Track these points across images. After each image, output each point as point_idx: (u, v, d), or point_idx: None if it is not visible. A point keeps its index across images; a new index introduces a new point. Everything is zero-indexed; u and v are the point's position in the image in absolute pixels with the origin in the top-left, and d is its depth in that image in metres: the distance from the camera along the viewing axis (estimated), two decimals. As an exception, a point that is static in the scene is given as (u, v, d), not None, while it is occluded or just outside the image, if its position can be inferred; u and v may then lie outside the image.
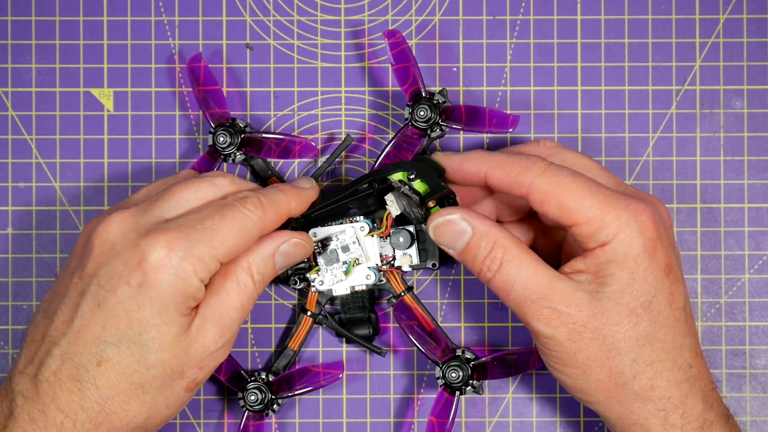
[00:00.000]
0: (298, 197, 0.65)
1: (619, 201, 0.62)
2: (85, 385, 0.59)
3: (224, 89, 0.72)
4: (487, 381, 0.71)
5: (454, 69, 0.73)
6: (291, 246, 0.64)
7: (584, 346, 0.62)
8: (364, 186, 0.67)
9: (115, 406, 0.59)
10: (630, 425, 0.63)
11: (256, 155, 0.70)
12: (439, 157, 0.66)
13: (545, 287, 0.62)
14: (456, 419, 0.72)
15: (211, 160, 0.70)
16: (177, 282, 0.59)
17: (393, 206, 0.67)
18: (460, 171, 0.65)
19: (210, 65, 0.72)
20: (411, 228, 0.70)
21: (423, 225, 0.66)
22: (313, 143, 0.70)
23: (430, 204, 0.64)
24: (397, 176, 0.65)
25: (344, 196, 0.67)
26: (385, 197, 0.67)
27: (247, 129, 0.70)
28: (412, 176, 0.65)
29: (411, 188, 0.64)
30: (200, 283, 0.60)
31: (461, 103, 0.72)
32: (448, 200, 0.64)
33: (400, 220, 0.69)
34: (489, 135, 0.72)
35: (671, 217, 0.66)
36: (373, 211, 0.69)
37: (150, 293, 0.59)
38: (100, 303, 0.59)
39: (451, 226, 0.63)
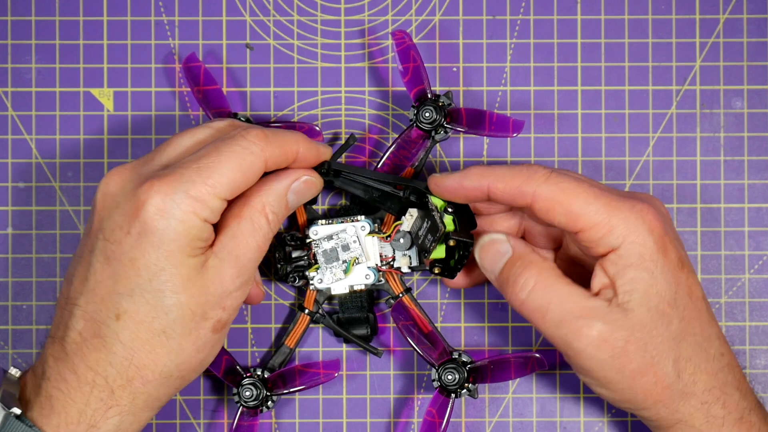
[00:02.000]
0: (307, 141, 0.64)
1: (623, 203, 0.62)
2: (109, 341, 0.59)
3: (224, 89, 0.72)
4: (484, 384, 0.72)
5: (454, 69, 0.72)
6: (302, 184, 0.64)
7: (628, 361, 0.61)
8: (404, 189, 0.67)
9: (143, 357, 0.59)
10: (673, 424, 0.63)
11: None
12: (437, 178, 0.65)
13: (582, 306, 0.61)
14: (456, 419, 0.72)
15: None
16: (177, 225, 0.59)
17: (409, 222, 0.67)
18: (462, 188, 0.64)
19: (210, 65, 0.72)
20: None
21: (424, 254, 0.66)
22: (317, 127, 0.70)
23: (451, 243, 0.64)
24: (437, 201, 0.66)
25: (385, 180, 0.67)
26: (409, 209, 0.67)
27: (250, 122, 0.70)
28: (450, 210, 0.65)
29: (441, 218, 0.65)
30: (203, 223, 0.59)
31: (461, 102, 0.72)
32: (465, 248, 0.64)
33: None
34: (490, 138, 0.72)
35: (671, 216, 0.66)
36: (383, 211, 0.69)
37: (152, 239, 0.58)
38: (108, 256, 0.59)
39: (496, 246, 0.64)
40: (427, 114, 0.69)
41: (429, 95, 0.69)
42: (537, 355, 0.68)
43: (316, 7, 0.73)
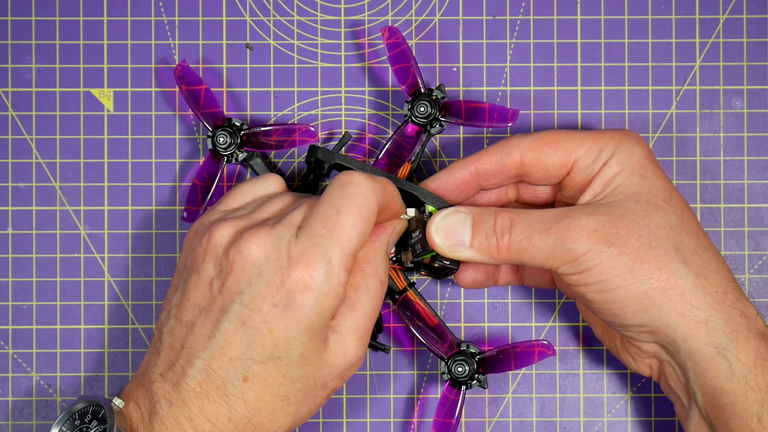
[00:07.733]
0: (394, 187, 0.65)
1: (605, 130, 0.64)
2: (232, 398, 0.59)
3: (224, 89, 0.72)
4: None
5: (454, 69, 0.73)
6: (396, 234, 0.65)
7: (623, 243, 0.60)
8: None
9: (262, 417, 0.60)
10: (693, 325, 0.60)
11: (258, 150, 0.70)
12: (428, 182, 0.66)
13: (565, 211, 0.61)
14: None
15: (214, 163, 0.70)
16: (323, 300, 0.59)
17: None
18: (453, 180, 0.66)
19: (210, 65, 0.72)
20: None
21: (417, 257, 0.66)
22: (312, 128, 0.70)
23: (436, 264, 0.66)
24: (431, 208, 0.66)
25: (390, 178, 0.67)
26: (408, 209, 0.67)
27: (245, 126, 0.70)
28: None
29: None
30: (344, 290, 0.60)
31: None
32: (449, 272, 0.67)
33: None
34: (489, 130, 0.72)
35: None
36: None
37: (297, 314, 0.59)
38: (244, 322, 0.59)
39: (450, 218, 0.64)
40: (422, 109, 0.69)
41: (422, 89, 0.69)
42: (544, 341, 0.68)
43: (316, 7, 0.73)
